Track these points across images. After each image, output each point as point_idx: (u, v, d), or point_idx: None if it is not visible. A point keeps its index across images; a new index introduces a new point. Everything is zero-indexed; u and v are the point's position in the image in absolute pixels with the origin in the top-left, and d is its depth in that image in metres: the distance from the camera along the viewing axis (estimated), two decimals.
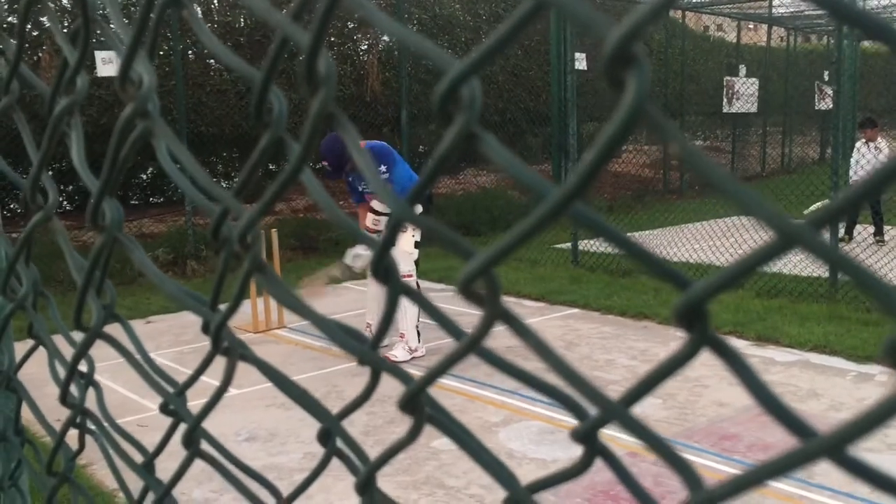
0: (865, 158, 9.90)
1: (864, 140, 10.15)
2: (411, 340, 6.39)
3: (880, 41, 0.26)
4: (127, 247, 0.54)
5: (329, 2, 0.34)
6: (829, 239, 7.88)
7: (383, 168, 6.19)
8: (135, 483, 0.74)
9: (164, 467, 0.65)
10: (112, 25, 0.54)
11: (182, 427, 0.63)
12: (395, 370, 0.44)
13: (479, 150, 0.33)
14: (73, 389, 0.76)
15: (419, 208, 6.47)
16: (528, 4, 0.28)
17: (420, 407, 0.41)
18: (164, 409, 0.63)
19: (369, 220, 6.31)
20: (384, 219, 6.25)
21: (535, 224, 0.31)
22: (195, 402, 0.61)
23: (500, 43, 0.30)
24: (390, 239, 0.38)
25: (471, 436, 0.44)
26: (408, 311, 6.31)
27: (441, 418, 0.42)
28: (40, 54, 9.71)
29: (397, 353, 6.31)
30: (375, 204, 6.22)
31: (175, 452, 0.63)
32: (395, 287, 0.41)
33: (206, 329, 0.55)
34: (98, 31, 0.58)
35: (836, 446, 0.28)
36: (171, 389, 0.63)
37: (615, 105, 0.29)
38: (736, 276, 0.29)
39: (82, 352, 0.65)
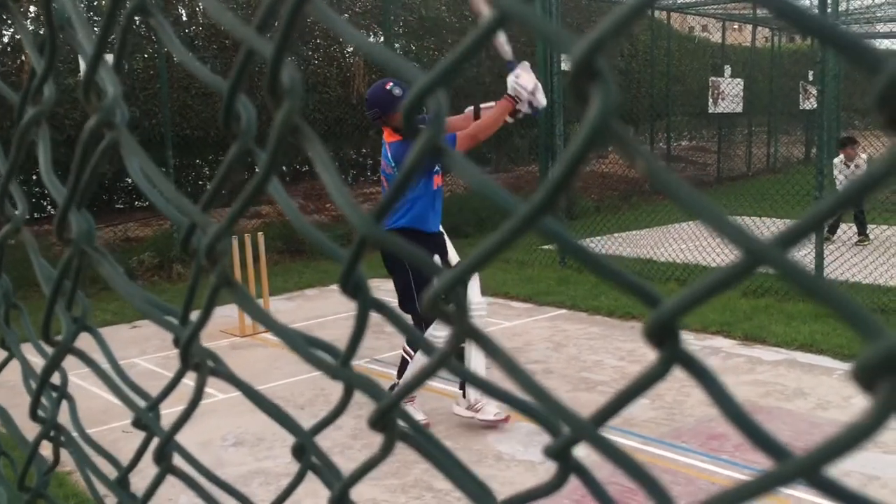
0: (842, 175, 9.91)
1: (842, 158, 10.17)
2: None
3: (855, 63, 0.25)
4: (95, 259, 0.53)
5: (291, 14, 0.33)
6: (814, 239, 7.91)
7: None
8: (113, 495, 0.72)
9: (149, 473, 0.63)
10: (79, 34, 0.53)
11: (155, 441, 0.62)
12: (368, 385, 0.43)
13: (445, 165, 0.32)
14: (48, 402, 0.75)
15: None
16: (491, 17, 0.28)
17: (392, 424, 0.41)
18: (136, 423, 0.62)
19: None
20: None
21: (502, 240, 0.30)
22: (177, 409, 0.60)
23: (465, 55, 0.30)
24: (358, 253, 0.37)
25: (444, 452, 0.43)
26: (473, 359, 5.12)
27: (413, 435, 0.41)
28: (23, 58, 9.64)
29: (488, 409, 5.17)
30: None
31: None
32: (364, 303, 0.40)
33: (177, 343, 0.54)
34: (66, 42, 0.57)
35: (811, 468, 0.28)
36: (143, 403, 0.62)
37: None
38: (707, 292, 0.28)
39: (52, 366, 0.64)
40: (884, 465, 4.30)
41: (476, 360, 4.82)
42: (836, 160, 9.98)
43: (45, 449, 0.80)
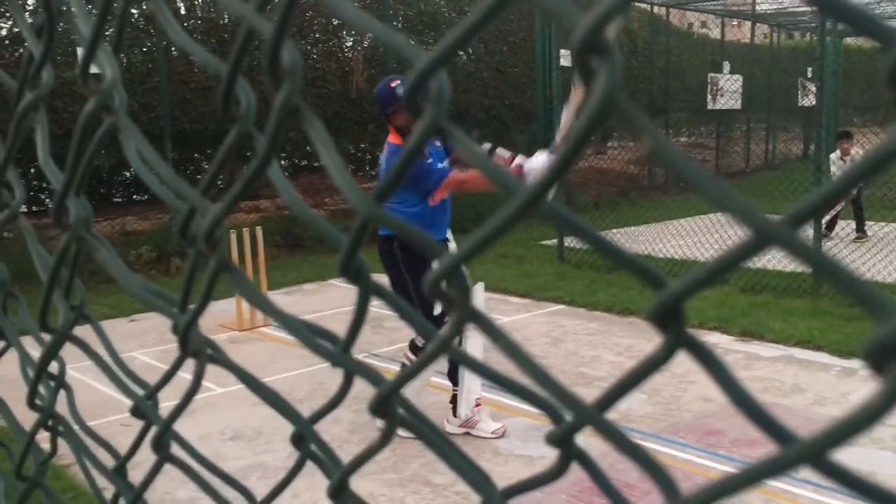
0: (839, 171, 9.85)
1: (838, 153, 10.17)
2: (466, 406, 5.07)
3: (866, 35, 0.25)
4: (92, 245, 0.53)
5: None
6: (812, 234, 7.91)
7: (437, 143, 5.74)
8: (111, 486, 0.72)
9: (148, 465, 0.63)
10: (78, 20, 0.53)
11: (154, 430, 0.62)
12: (367, 372, 0.42)
13: (447, 144, 0.32)
14: (45, 391, 0.75)
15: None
16: None
17: (392, 410, 0.40)
18: (135, 412, 0.61)
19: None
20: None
21: (506, 221, 0.30)
22: (176, 402, 0.60)
23: (467, 34, 0.29)
24: (359, 236, 0.37)
25: (444, 439, 0.43)
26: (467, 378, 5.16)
27: (414, 421, 0.41)
28: (22, 50, 9.61)
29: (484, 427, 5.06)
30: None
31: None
32: (366, 288, 0.39)
33: (175, 330, 0.53)
34: (62, 25, 0.56)
35: (816, 452, 0.28)
36: (141, 392, 0.61)
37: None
38: (713, 274, 0.28)
39: (50, 354, 0.63)
40: (879, 460, 4.30)
41: (472, 345, 4.78)
42: (832, 156, 9.98)
43: (44, 441, 0.80)
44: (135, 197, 11.98)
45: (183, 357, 0.52)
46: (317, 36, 12.50)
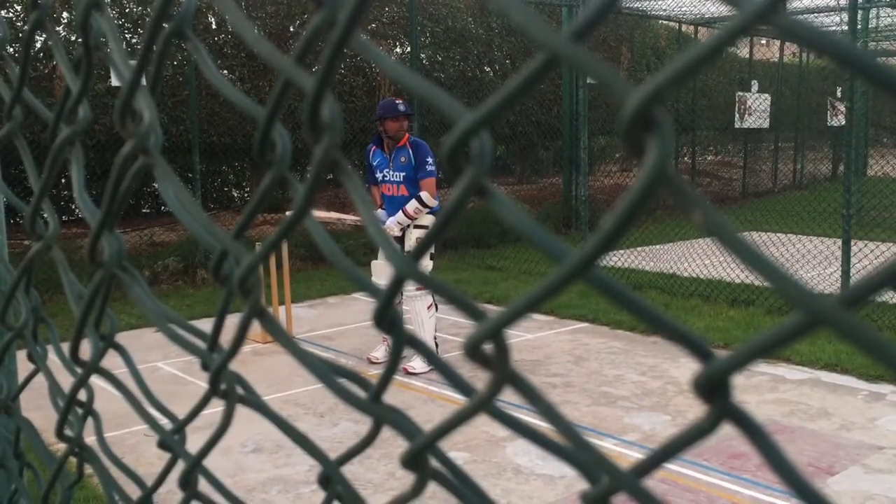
0: None
1: None
2: None
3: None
4: (126, 283, 0.53)
5: (334, 50, 0.32)
6: (841, 255, 7.80)
7: (430, 160, 6.48)
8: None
9: (170, 489, 0.63)
10: (113, 54, 0.53)
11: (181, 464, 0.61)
12: (400, 422, 0.42)
13: (489, 205, 0.31)
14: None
15: (429, 219, 6.49)
16: (540, 59, 0.27)
17: (424, 464, 0.40)
18: (162, 445, 0.61)
19: (394, 222, 6.40)
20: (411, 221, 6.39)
21: (549, 289, 0.29)
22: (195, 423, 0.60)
23: (511, 96, 0.29)
24: (394, 291, 0.36)
25: (477, 492, 0.42)
26: (425, 322, 6.40)
27: (447, 476, 0.40)
28: (55, 62, 9.76)
29: (415, 365, 6.30)
30: (416, 204, 6.33)
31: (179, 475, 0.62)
32: (399, 338, 0.39)
33: (205, 367, 0.53)
34: (101, 59, 0.57)
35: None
36: (165, 421, 0.61)
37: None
38: (761, 351, 0.27)
39: (79, 385, 0.63)
40: None
41: (428, 325, 6.30)
42: None
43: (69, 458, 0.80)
44: (163, 208, 12.10)
45: (210, 396, 0.52)
46: (343, 51, 12.59)
